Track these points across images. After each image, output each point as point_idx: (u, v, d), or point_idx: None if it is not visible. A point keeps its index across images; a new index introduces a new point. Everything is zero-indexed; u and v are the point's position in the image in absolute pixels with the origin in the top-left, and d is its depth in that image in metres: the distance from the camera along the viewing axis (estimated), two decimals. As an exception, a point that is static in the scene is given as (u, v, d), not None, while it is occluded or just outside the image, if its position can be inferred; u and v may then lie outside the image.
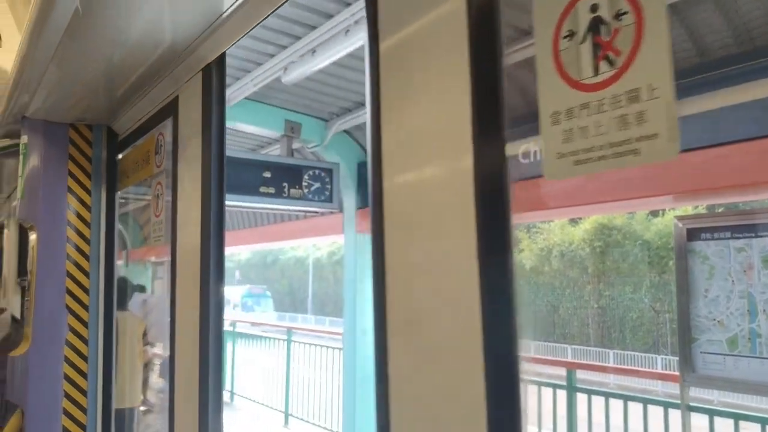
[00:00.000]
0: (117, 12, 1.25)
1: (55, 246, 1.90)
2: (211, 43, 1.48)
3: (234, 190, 6.78)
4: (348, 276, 8.10)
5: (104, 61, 1.50)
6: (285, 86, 6.44)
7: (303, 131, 7.56)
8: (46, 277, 1.88)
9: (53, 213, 1.92)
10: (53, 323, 1.89)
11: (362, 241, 8.00)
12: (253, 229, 11.27)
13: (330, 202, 7.36)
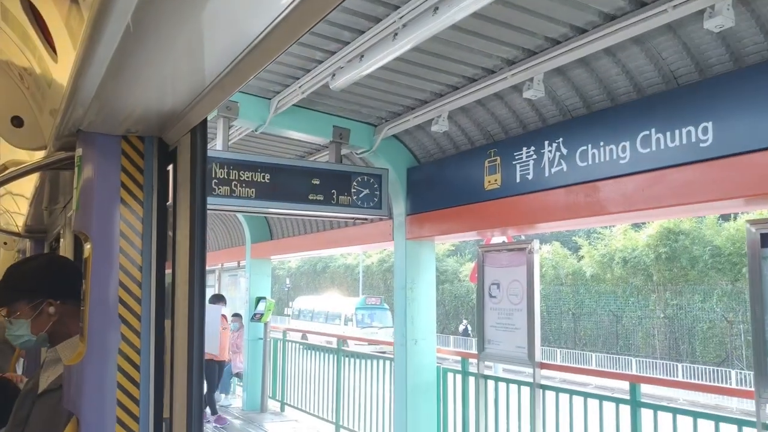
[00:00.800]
0: (166, 31, 1.30)
1: (109, 256, 1.99)
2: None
3: (283, 198, 6.91)
4: (398, 284, 8.11)
5: (154, 76, 1.56)
6: (333, 92, 6.53)
7: (351, 137, 7.64)
8: (100, 287, 1.96)
9: (106, 224, 2.00)
10: (107, 332, 1.97)
11: (413, 249, 8.01)
12: (301, 236, 11.44)
13: (379, 208, 7.43)
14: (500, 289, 7.09)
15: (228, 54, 1.42)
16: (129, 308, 1.96)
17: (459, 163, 7.33)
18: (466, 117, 6.99)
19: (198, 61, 1.50)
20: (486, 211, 6.81)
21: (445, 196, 7.44)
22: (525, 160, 6.34)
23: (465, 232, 7.45)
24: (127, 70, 1.47)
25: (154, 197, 2.08)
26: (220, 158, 6.64)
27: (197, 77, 1.59)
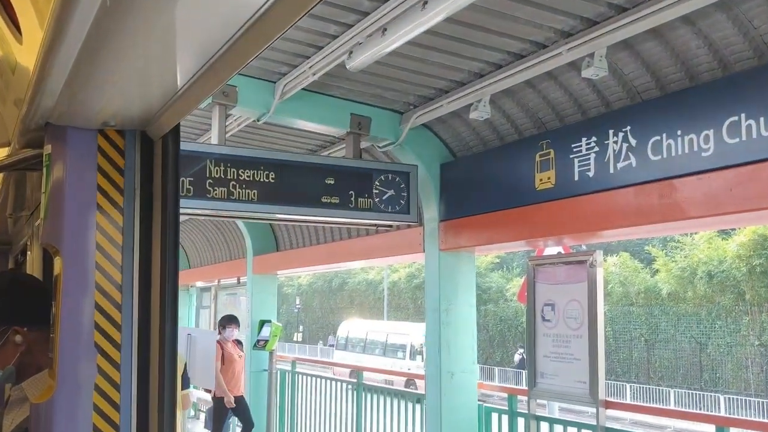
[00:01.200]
0: (149, 5, 1.32)
1: (83, 273, 2.02)
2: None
3: (291, 201, 6.96)
4: (430, 304, 8.10)
5: (137, 59, 1.58)
6: (350, 73, 6.56)
7: (373, 127, 7.67)
8: (73, 310, 2.00)
9: (80, 235, 2.04)
10: (80, 364, 2.00)
11: (448, 262, 8.00)
12: (313, 247, 11.50)
13: (407, 213, 7.43)
14: (555, 310, 7.04)
15: (224, 30, 1.44)
16: (107, 336, 1.99)
17: (504, 158, 7.29)
18: (512, 101, 6.96)
19: (189, 39, 1.52)
20: (537, 215, 6.77)
21: (487, 197, 7.41)
22: (584, 153, 6.30)
23: (512, 242, 7.40)
24: (103, 51, 1.49)
25: (137, 203, 2.11)
26: (216, 154, 6.71)
27: (188, 59, 1.61)
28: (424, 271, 8.61)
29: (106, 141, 2.07)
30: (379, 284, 45.68)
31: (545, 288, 7.19)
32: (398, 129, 7.81)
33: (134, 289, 2.08)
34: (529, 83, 6.58)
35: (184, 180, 6.53)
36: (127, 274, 2.09)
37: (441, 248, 8.03)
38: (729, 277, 28.87)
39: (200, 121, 8.53)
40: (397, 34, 5.24)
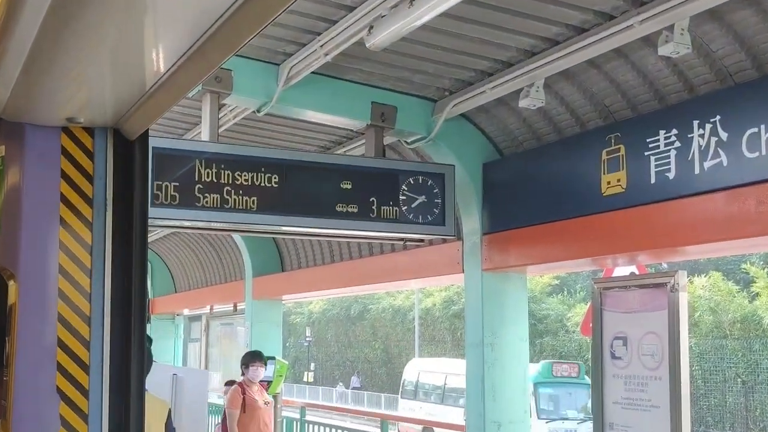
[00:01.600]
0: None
1: (42, 302, 2.04)
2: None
3: (299, 210, 6.98)
4: (471, 337, 8.08)
5: (106, 41, 1.59)
6: (371, 53, 6.57)
7: (399, 118, 7.67)
8: (30, 347, 2.02)
9: (40, 255, 2.06)
10: (40, 413, 2.02)
11: (493, 284, 7.96)
12: (327, 267, 11.52)
13: (441, 224, 7.41)
14: (628, 345, 6.96)
15: (215, 3, 1.44)
16: (72, 379, 2.00)
17: (562, 156, 7.26)
18: (571, 85, 6.93)
19: (171, 16, 1.53)
20: (604, 227, 6.71)
21: (542, 204, 7.37)
22: (663, 149, 6.24)
23: (572, 260, 7.35)
24: (66, 32, 1.51)
25: (109, 216, 2.12)
26: (207, 153, 6.75)
27: (171, 39, 1.62)
28: (464, 295, 8.56)
29: (72, 140, 2.09)
30: (409, 312, 45.58)
31: (615, 317, 7.11)
32: (431, 121, 7.80)
33: (105, 321, 2.08)
34: (592, 63, 6.54)
35: (168, 185, 6.57)
36: (96, 303, 2.09)
37: (484, 268, 7.98)
38: None
39: (188, 113, 8.60)
40: (428, 4, 5.23)
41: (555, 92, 7.06)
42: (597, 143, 6.82)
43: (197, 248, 16.18)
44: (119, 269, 2.13)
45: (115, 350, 2.05)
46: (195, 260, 16.73)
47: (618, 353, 7.07)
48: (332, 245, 11.41)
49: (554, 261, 7.45)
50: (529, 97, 6.73)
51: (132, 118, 2.04)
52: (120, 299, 2.11)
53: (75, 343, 2.03)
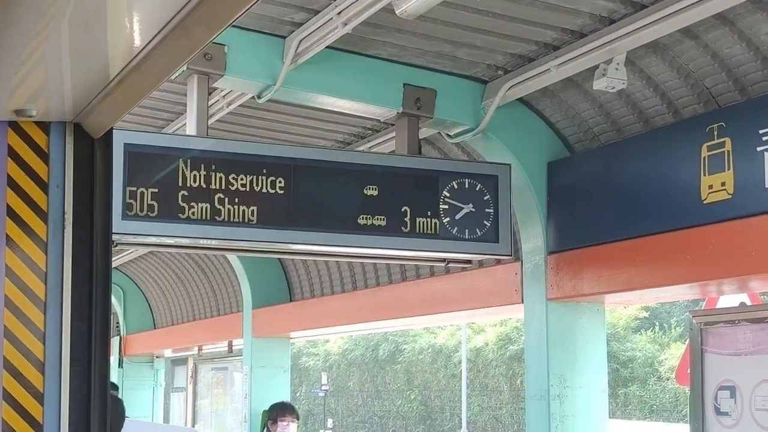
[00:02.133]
0: None
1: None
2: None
3: (311, 224, 7.00)
4: (533, 386, 8.05)
5: (62, 14, 1.62)
6: (402, 22, 6.58)
7: (439, 104, 7.68)
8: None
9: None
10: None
11: (562, 317, 7.93)
12: (348, 295, 11.51)
13: (494, 240, 7.40)
14: (737, 398, 6.91)
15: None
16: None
17: (650, 152, 7.22)
18: (661, 61, 6.90)
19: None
20: (705, 243, 6.67)
21: (625, 215, 7.34)
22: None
23: (664, 286, 7.30)
24: (12, 4, 1.53)
25: (68, 232, 2.14)
26: (194, 151, 6.79)
27: (145, 13, 1.64)
28: (524, 332, 8.52)
29: (21, 138, 2.11)
30: (454, 353, 45.43)
31: (720, 361, 7.06)
32: (479, 108, 7.79)
33: (63, 369, 2.10)
34: (688, 32, 6.51)
35: (144, 192, 6.62)
36: (52, 345, 2.11)
37: (550, 297, 7.95)
38: None
39: (169, 100, 8.66)
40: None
41: (640, 70, 7.03)
42: (695, 136, 6.78)
43: (182, 272, 16.25)
44: (82, 301, 2.15)
45: (75, 405, 2.08)
46: (179, 287, 16.80)
47: (724, 408, 7.02)
48: (354, 268, 11.41)
49: (641, 288, 7.40)
50: (606, 76, 6.71)
51: (96, 111, 2.06)
52: (81, 338, 2.13)
53: (25, 395, 2.06)
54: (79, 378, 2.10)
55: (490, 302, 9.00)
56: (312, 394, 52.76)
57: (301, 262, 12.37)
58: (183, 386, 17.90)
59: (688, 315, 7.60)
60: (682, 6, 6.03)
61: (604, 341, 8.34)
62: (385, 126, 8.77)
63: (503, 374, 43.15)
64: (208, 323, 15.81)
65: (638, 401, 38.50)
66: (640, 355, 39.11)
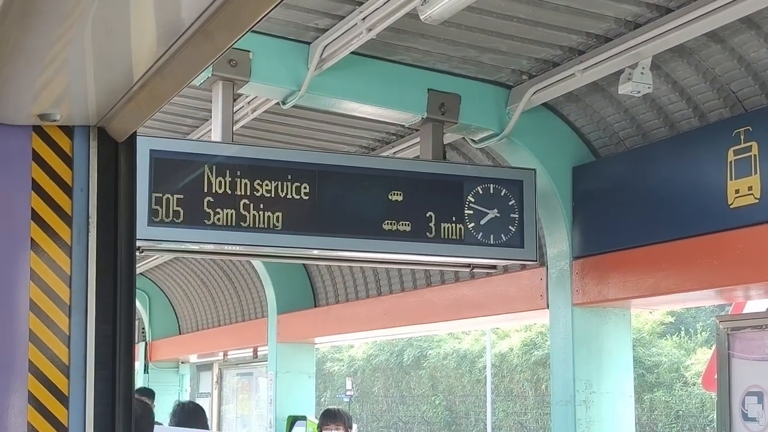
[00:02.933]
0: None
1: (9, 348, 2.07)
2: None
3: (335, 229, 7.01)
4: (559, 392, 8.03)
5: (85, 17, 1.62)
6: (427, 27, 6.57)
7: (464, 110, 7.67)
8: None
9: (4, 289, 2.08)
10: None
11: (587, 323, 7.91)
12: (372, 301, 11.51)
13: (519, 246, 7.38)
14: (765, 403, 6.87)
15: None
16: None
17: (676, 157, 7.19)
18: (686, 65, 6.87)
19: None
20: (732, 248, 6.63)
21: (651, 220, 7.31)
22: (809, 147, 6.17)
23: (691, 291, 7.26)
24: (36, 10, 1.53)
25: (92, 236, 2.14)
26: (219, 157, 6.81)
27: (167, 17, 1.63)
28: (549, 338, 8.50)
29: (45, 142, 2.11)
30: (479, 359, 45.37)
31: (748, 367, 7.02)
32: (504, 113, 7.77)
33: (88, 373, 2.10)
34: (714, 36, 6.48)
35: (170, 198, 6.64)
36: (76, 348, 2.11)
37: (576, 302, 7.92)
38: None
39: (194, 106, 8.68)
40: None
41: (666, 75, 7.00)
42: (721, 140, 6.75)
43: (207, 278, 16.30)
44: (106, 305, 2.15)
45: (100, 408, 2.07)
46: (204, 293, 16.85)
47: (752, 413, 6.98)
48: (378, 274, 11.41)
49: (667, 293, 7.36)
50: (631, 81, 6.68)
51: (120, 115, 2.06)
52: (105, 342, 2.13)
53: (50, 399, 2.05)
54: (104, 381, 2.10)
55: (515, 308, 8.98)
56: (337, 399, 52.75)
57: (326, 267, 12.37)
58: (208, 392, 17.94)
59: (715, 320, 7.56)
60: (708, 10, 6.00)
61: (630, 346, 8.31)
62: (409, 131, 8.77)
63: (528, 379, 43.07)
64: (233, 329, 15.85)
65: (664, 407, 38.33)
66: (666, 360, 38.94)
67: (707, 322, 39.06)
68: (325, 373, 50.90)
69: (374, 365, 51.95)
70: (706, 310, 36.07)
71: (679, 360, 39.23)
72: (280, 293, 13.11)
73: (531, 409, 42.60)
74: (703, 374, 16.45)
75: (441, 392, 48.17)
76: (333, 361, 53.26)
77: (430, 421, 47.99)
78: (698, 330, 41.19)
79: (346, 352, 52.08)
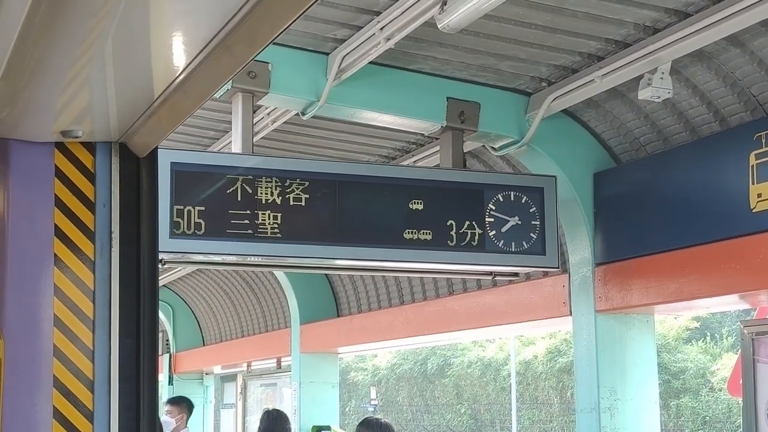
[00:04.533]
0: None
1: (34, 363, 2.08)
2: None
3: (357, 239, 7.03)
4: (583, 399, 8.02)
5: (107, 38, 1.63)
6: (445, 36, 6.58)
7: (483, 118, 7.67)
8: (20, 421, 2.06)
9: (28, 304, 2.10)
10: None
11: (610, 329, 7.89)
12: (395, 310, 11.52)
13: (541, 253, 7.39)
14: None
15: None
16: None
17: (697, 161, 7.17)
18: (707, 70, 6.85)
19: (186, 4, 1.56)
20: (756, 252, 6.61)
21: (673, 225, 7.28)
22: (831, 150, 6.14)
23: (715, 297, 7.24)
24: (56, 26, 1.55)
25: (115, 251, 2.16)
26: (240, 168, 6.83)
27: (188, 33, 1.65)
28: (573, 344, 8.48)
29: (68, 159, 2.13)
30: (503, 366, 45.26)
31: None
32: (524, 120, 7.77)
33: (113, 387, 2.12)
34: (734, 40, 6.46)
35: (191, 210, 6.66)
36: (101, 363, 2.13)
37: (599, 309, 7.90)
38: None
39: (214, 118, 8.72)
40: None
41: (686, 79, 6.98)
42: (743, 144, 6.73)
43: (230, 289, 16.33)
44: (130, 319, 2.17)
45: (125, 422, 2.09)
46: (228, 304, 16.88)
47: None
48: (400, 283, 11.41)
49: (690, 298, 7.33)
50: (651, 86, 6.67)
51: (141, 131, 2.08)
52: (129, 355, 2.14)
53: (75, 414, 2.07)
54: (129, 396, 2.12)
55: (538, 315, 8.96)
56: (361, 408, 52.71)
57: (348, 277, 12.38)
58: (233, 402, 17.96)
59: (739, 325, 7.53)
60: (727, 14, 5.99)
61: (654, 352, 8.28)
62: (429, 140, 8.77)
63: (553, 387, 42.92)
64: (257, 339, 15.87)
65: (690, 413, 38.12)
66: (692, 365, 38.73)
67: (733, 327, 38.85)
68: (350, 383, 50.86)
69: (398, 374, 51.89)
70: (732, 315, 35.90)
71: (705, 365, 39.03)
72: (302, 303, 13.13)
73: (556, 416, 42.43)
74: (729, 380, 16.37)
75: (466, 400, 48.07)
76: (357, 370, 53.23)
77: (456, 429, 47.87)
78: (724, 335, 40.97)
79: (369, 361, 52.05)
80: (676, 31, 6.36)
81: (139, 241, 2.17)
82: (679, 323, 39.00)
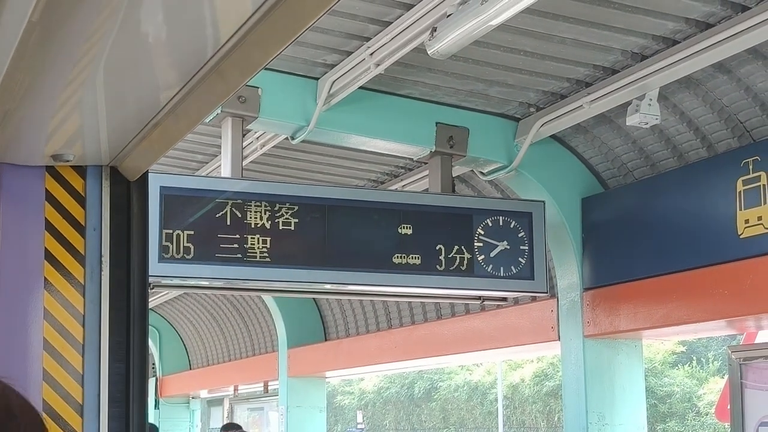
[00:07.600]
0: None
1: (23, 387, 2.06)
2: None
3: (345, 263, 7.03)
4: (572, 423, 8.04)
5: (98, 61, 1.63)
6: (435, 62, 6.60)
7: (472, 143, 7.69)
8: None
9: (18, 327, 2.09)
10: None
11: (599, 355, 7.89)
12: (383, 334, 11.50)
13: (529, 278, 7.39)
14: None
15: (232, 13, 1.47)
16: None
17: (685, 187, 7.18)
18: (694, 96, 6.87)
19: (179, 30, 1.56)
20: (743, 278, 6.62)
21: (661, 250, 7.29)
22: (818, 176, 6.16)
23: (702, 322, 7.24)
24: (48, 52, 1.55)
25: (105, 275, 2.15)
26: (229, 192, 6.82)
27: (179, 58, 1.65)
28: (561, 370, 8.47)
29: (58, 182, 2.12)
30: (490, 390, 45.20)
31: (760, 397, 6.98)
32: (512, 145, 7.79)
33: (102, 411, 2.10)
34: (721, 67, 6.49)
35: (180, 234, 6.65)
36: (90, 386, 2.11)
37: (587, 334, 7.90)
38: None
39: (204, 142, 8.71)
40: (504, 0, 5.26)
41: (673, 105, 7.01)
42: (731, 170, 6.75)
43: (217, 313, 16.28)
44: (119, 343, 2.16)
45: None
46: (215, 328, 16.83)
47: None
48: (389, 307, 11.39)
49: (678, 324, 7.34)
50: (639, 112, 6.69)
51: (132, 154, 2.07)
52: (120, 380, 2.13)
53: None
54: (118, 420, 2.10)
55: (526, 340, 8.96)
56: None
57: (336, 301, 12.36)
58: (219, 427, 17.88)
59: (727, 350, 7.53)
60: (714, 41, 6.01)
61: (642, 377, 8.28)
62: (418, 165, 8.78)
63: (540, 411, 42.90)
64: (244, 363, 15.81)
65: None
66: (678, 390, 38.74)
67: (719, 350, 38.92)
68: (336, 407, 50.73)
69: (385, 398, 51.78)
70: (718, 340, 35.94)
71: (692, 390, 39.06)
72: (290, 327, 13.10)
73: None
74: (717, 405, 16.39)
75: (452, 424, 47.98)
76: (343, 394, 53.10)
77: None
78: (710, 359, 41.02)
79: (356, 385, 51.93)
80: (664, 58, 6.38)
81: (129, 265, 2.16)
82: (665, 347, 39.03)
